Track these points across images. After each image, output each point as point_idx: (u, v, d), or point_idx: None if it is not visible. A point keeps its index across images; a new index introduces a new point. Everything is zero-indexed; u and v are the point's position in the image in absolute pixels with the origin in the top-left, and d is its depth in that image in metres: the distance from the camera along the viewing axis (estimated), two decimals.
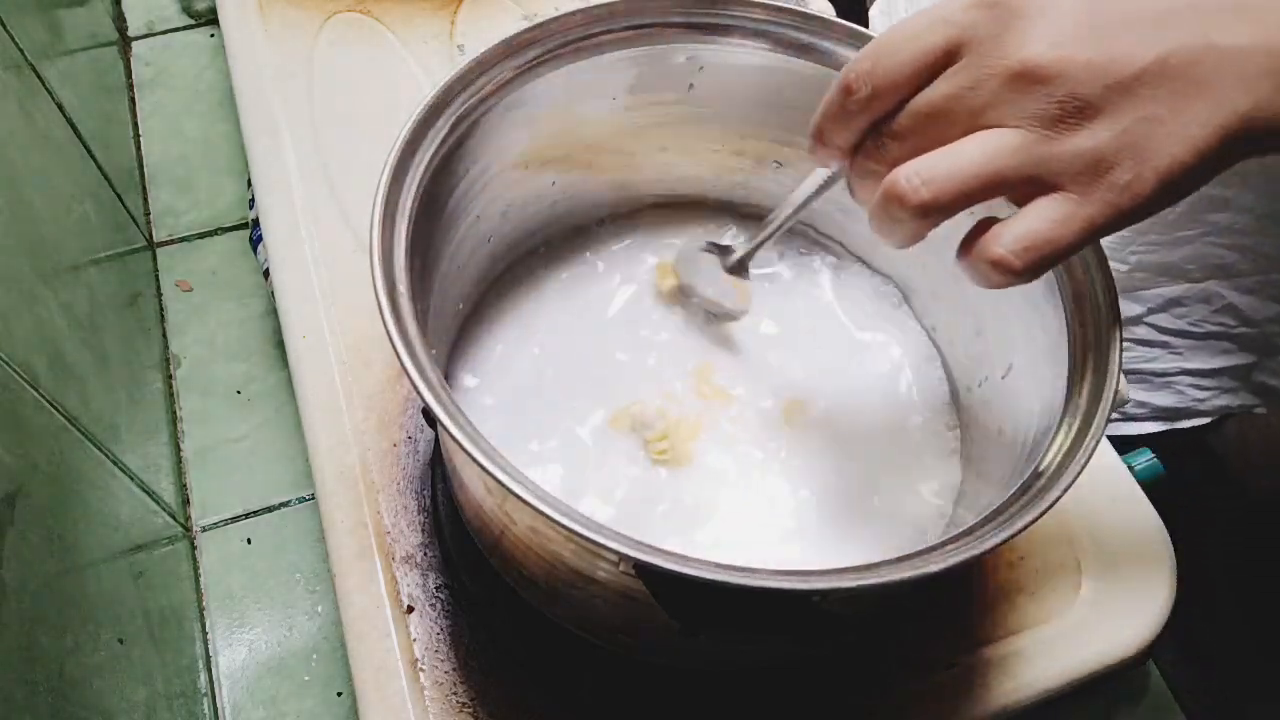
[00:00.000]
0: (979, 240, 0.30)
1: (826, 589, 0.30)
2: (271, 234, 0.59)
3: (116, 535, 0.84)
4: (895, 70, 0.30)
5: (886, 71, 0.30)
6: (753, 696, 0.46)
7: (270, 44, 0.68)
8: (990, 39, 0.29)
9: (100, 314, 0.98)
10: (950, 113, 0.29)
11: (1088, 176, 0.28)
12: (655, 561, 0.29)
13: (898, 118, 0.30)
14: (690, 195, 0.56)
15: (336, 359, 0.54)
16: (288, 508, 1.16)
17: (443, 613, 0.48)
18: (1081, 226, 0.28)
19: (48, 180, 0.91)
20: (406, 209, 0.38)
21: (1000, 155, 0.28)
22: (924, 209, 0.29)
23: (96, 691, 0.69)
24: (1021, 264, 0.29)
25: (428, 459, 0.52)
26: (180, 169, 1.41)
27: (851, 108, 0.31)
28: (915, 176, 0.29)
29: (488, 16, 0.72)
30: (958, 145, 0.29)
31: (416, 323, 0.35)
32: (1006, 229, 0.29)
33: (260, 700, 1.04)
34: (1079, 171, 0.28)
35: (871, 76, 0.30)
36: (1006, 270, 0.29)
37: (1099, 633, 0.49)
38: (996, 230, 0.30)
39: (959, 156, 0.29)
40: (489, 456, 0.31)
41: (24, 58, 0.93)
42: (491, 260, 0.51)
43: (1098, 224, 0.28)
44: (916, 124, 0.30)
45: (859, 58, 0.31)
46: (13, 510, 0.62)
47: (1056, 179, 0.28)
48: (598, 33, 0.45)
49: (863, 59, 0.31)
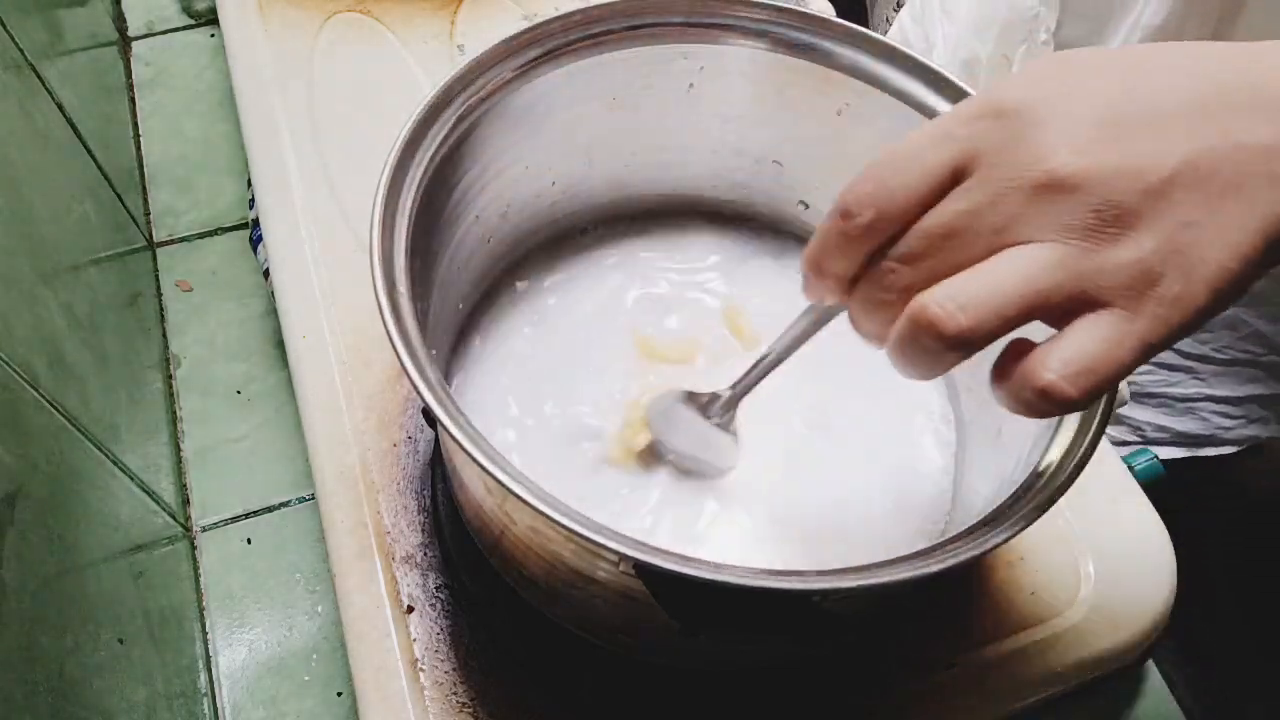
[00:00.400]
0: (1020, 365, 0.27)
1: (826, 589, 0.30)
2: (271, 234, 0.59)
3: (116, 535, 0.84)
4: (901, 191, 0.28)
5: (892, 193, 0.28)
6: (753, 696, 0.46)
7: (270, 44, 0.68)
8: (1004, 150, 0.27)
9: (100, 314, 0.98)
10: (969, 232, 0.27)
11: (1136, 290, 0.25)
12: (655, 561, 0.29)
13: (906, 240, 0.28)
14: (690, 195, 0.56)
15: (336, 359, 0.54)
16: (288, 508, 1.16)
17: (443, 613, 0.48)
18: (1135, 345, 0.26)
19: (48, 180, 0.91)
20: (406, 209, 0.38)
21: (1040, 273, 0.26)
22: (962, 338, 0.26)
23: (96, 691, 0.69)
24: (1077, 391, 0.26)
25: (428, 459, 0.52)
26: (180, 169, 1.41)
27: (853, 233, 0.28)
28: (950, 301, 0.26)
29: (488, 16, 0.72)
30: (989, 265, 0.26)
31: (416, 323, 0.35)
32: (1053, 352, 0.26)
33: (260, 700, 1.04)
34: (1126, 285, 0.26)
35: (875, 199, 0.28)
36: (1059, 398, 0.26)
37: (1099, 633, 0.49)
38: (1041, 354, 0.26)
39: (994, 277, 0.26)
40: (489, 456, 0.31)
41: (24, 58, 0.93)
42: (491, 260, 0.51)
43: (1151, 341, 0.26)
44: (931, 246, 0.27)
45: (858, 180, 0.28)
46: (13, 510, 0.62)
47: (1102, 294, 0.26)
48: (598, 33, 0.45)
49: (863, 181, 0.28)
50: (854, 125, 0.47)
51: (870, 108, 0.46)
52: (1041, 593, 0.50)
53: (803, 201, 0.54)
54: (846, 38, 0.45)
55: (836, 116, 0.48)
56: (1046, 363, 0.26)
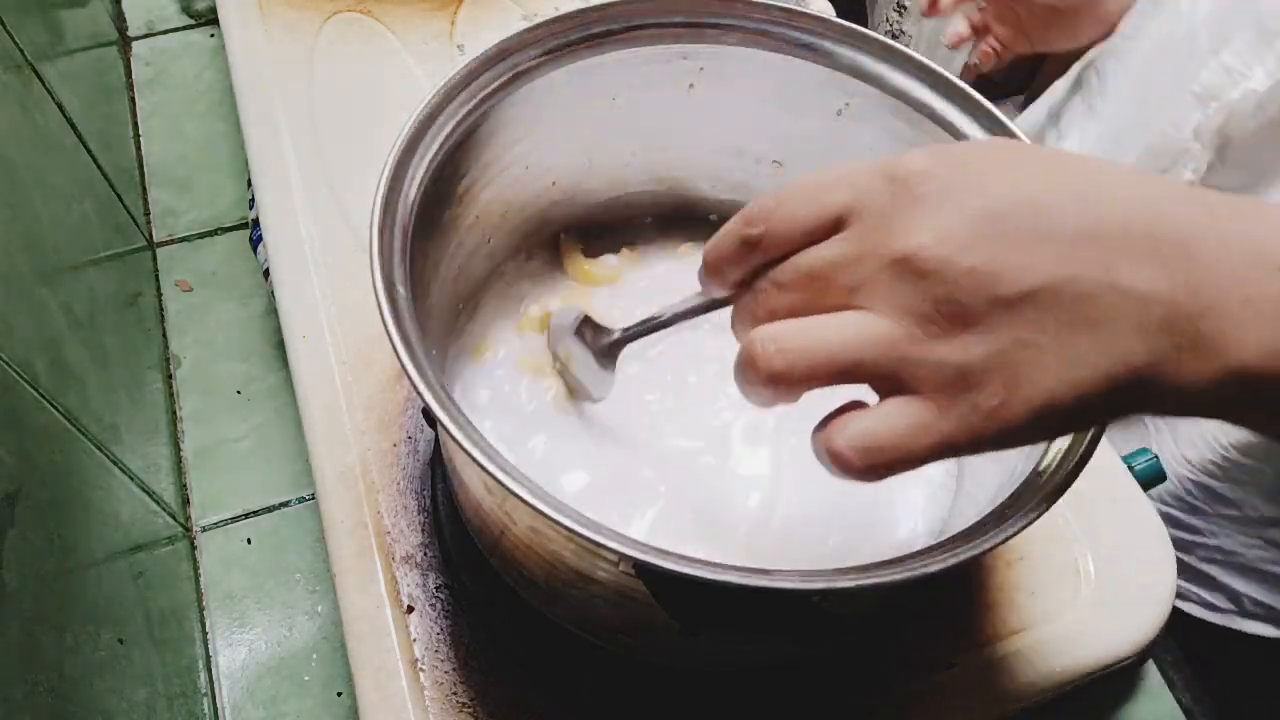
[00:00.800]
0: (830, 423, 0.28)
1: (826, 589, 0.30)
2: (271, 234, 0.59)
3: (116, 535, 0.84)
4: (790, 219, 0.28)
5: (783, 218, 0.28)
6: (753, 696, 0.46)
7: (270, 44, 0.68)
8: (882, 215, 0.27)
9: (100, 314, 0.98)
10: (828, 280, 0.27)
11: (950, 390, 0.26)
12: (655, 561, 0.29)
13: (783, 268, 0.29)
14: (690, 195, 0.56)
15: (336, 359, 0.54)
16: (288, 508, 1.16)
17: (443, 613, 0.47)
18: (933, 441, 0.26)
19: (48, 180, 0.91)
20: (406, 209, 0.38)
21: (862, 343, 0.26)
22: (772, 379, 0.27)
23: (96, 691, 0.69)
24: (861, 464, 0.27)
25: (428, 459, 0.52)
26: (180, 169, 1.41)
27: (747, 241, 0.29)
28: (772, 343, 0.27)
29: (488, 16, 0.72)
30: (825, 320, 0.27)
31: (416, 323, 0.35)
32: (853, 421, 0.27)
33: (260, 700, 1.04)
34: (942, 381, 0.26)
35: (769, 219, 0.29)
36: (842, 465, 0.27)
37: (1099, 633, 0.49)
38: (845, 420, 0.27)
39: (822, 332, 0.27)
40: (489, 456, 0.31)
41: (24, 58, 0.93)
42: (491, 260, 0.51)
43: (951, 442, 0.26)
44: (796, 280, 0.28)
45: (767, 196, 0.29)
46: (13, 510, 0.62)
47: (917, 383, 0.26)
48: (598, 33, 0.45)
49: (769, 198, 0.29)
50: (854, 125, 0.47)
51: (870, 108, 0.46)
52: (1041, 593, 0.50)
53: None
54: (846, 38, 0.45)
55: (836, 116, 0.48)
56: (845, 429, 0.27)
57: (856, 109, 0.47)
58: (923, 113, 0.44)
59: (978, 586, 0.51)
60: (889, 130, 0.46)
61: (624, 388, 0.47)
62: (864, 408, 0.27)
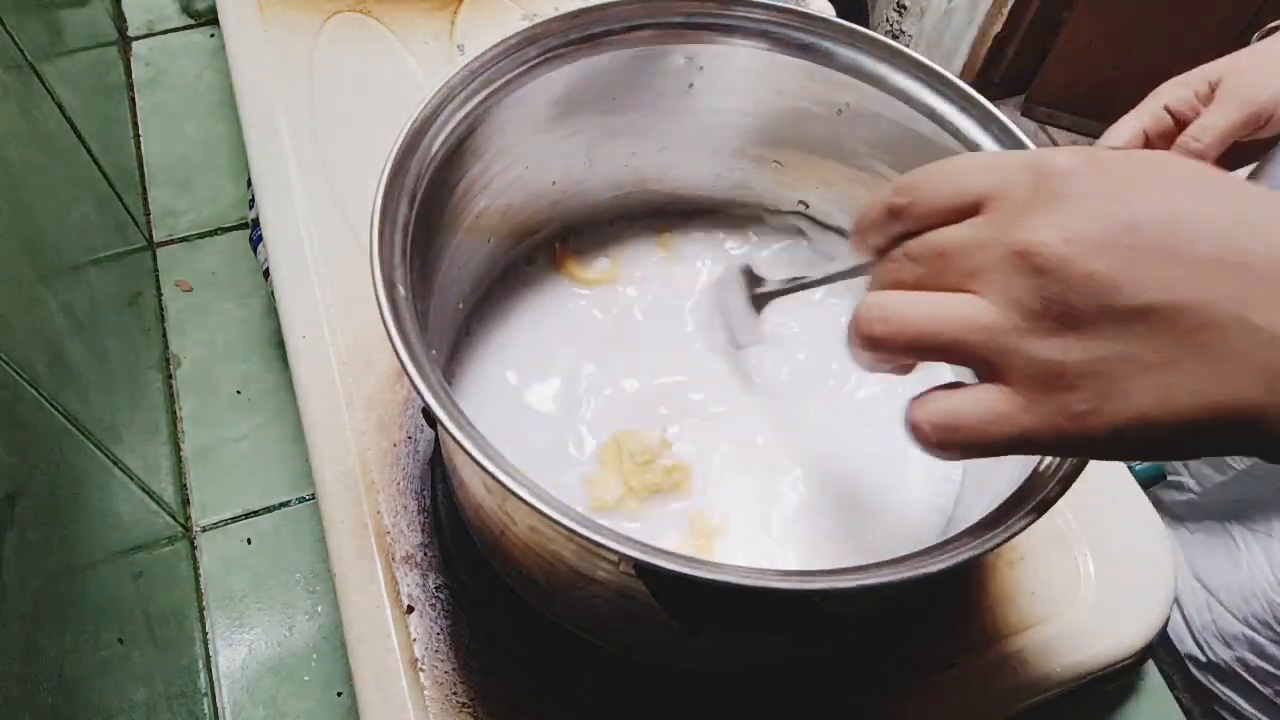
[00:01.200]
0: (923, 396, 0.28)
1: (826, 589, 0.30)
2: (271, 234, 0.59)
3: (116, 535, 0.84)
4: (932, 196, 0.29)
5: (926, 194, 0.29)
6: (753, 696, 0.46)
7: (270, 44, 0.68)
8: (1017, 206, 0.26)
9: (100, 314, 0.98)
10: (952, 260, 0.28)
11: (1041, 386, 0.26)
12: (655, 561, 0.29)
13: (917, 241, 0.29)
14: (690, 195, 0.56)
15: (336, 359, 0.54)
16: (288, 508, 1.16)
17: (443, 613, 0.47)
18: (1012, 432, 0.26)
19: (48, 180, 0.91)
20: (406, 209, 0.38)
21: (966, 325, 0.26)
22: (870, 341, 0.28)
23: (96, 691, 0.69)
24: (935, 439, 0.27)
25: (428, 459, 0.52)
26: (180, 169, 1.41)
27: (892, 209, 0.30)
28: (878, 308, 0.28)
29: (488, 16, 0.72)
30: (934, 296, 0.28)
31: (416, 323, 0.35)
32: (941, 398, 0.28)
33: (260, 700, 1.04)
34: (1034, 376, 0.26)
35: (914, 191, 0.29)
36: (921, 437, 0.28)
37: (1099, 633, 0.49)
38: (934, 395, 0.28)
39: (927, 308, 0.27)
40: (489, 456, 0.31)
41: (24, 58, 0.93)
42: (491, 260, 0.51)
43: (1031, 438, 0.26)
44: (926, 255, 0.28)
45: (922, 169, 0.30)
46: (13, 510, 0.62)
47: (1009, 374, 0.26)
48: (598, 33, 0.45)
49: (919, 171, 0.30)
50: (854, 125, 0.47)
51: (870, 108, 0.46)
52: (1041, 593, 0.50)
53: (803, 201, 0.54)
54: (846, 38, 0.45)
55: (836, 116, 0.48)
56: (931, 403, 0.28)
57: (856, 109, 0.47)
58: (923, 113, 0.44)
59: (978, 586, 0.51)
60: (889, 130, 0.46)
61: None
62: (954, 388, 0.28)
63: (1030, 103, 1.62)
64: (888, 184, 0.30)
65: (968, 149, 0.43)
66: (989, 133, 0.43)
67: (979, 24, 1.51)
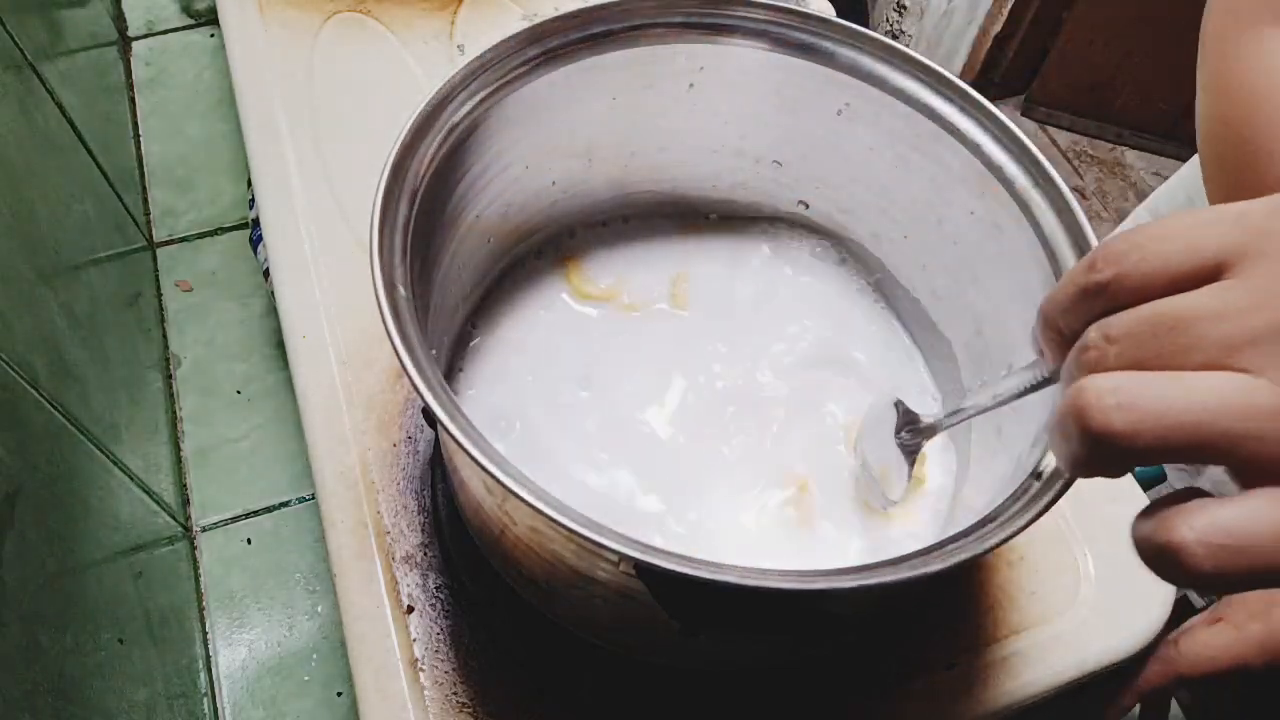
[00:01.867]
0: (1167, 510, 0.22)
1: (826, 589, 0.30)
2: (271, 234, 0.59)
3: (116, 535, 0.84)
4: (1153, 260, 0.23)
5: (1142, 259, 0.23)
6: (753, 696, 0.46)
7: (270, 44, 0.68)
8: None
9: (100, 314, 0.98)
10: (1197, 333, 0.22)
11: None
12: (655, 561, 0.29)
13: (1125, 316, 0.23)
14: (690, 195, 0.56)
15: (336, 359, 0.54)
16: (288, 508, 1.16)
17: (443, 613, 0.48)
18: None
19: (48, 180, 0.91)
20: (406, 209, 0.38)
21: (1242, 412, 0.21)
22: (1105, 439, 0.22)
23: (96, 691, 0.69)
24: (1210, 566, 0.21)
25: (428, 459, 0.52)
26: (180, 169, 1.41)
27: (1088, 289, 0.24)
28: (1113, 394, 0.22)
29: (488, 16, 0.72)
30: (1190, 376, 0.22)
31: (416, 323, 0.35)
32: (1208, 510, 0.21)
33: (260, 700, 1.04)
34: None
35: (1121, 261, 0.23)
36: (1183, 563, 0.21)
37: (1099, 633, 0.49)
38: (1196, 508, 0.21)
39: (1184, 390, 0.21)
40: (489, 456, 0.31)
41: (24, 58, 0.93)
42: (491, 260, 0.51)
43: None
44: (1149, 332, 0.22)
45: (1119, 236, 0.24)
46: (13, 510, 0.62)
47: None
48: (598, 33, 0.45)
49: (1121, 239, 0.24)
50: (854, 125, 0.48)
51: (870, 108, 0.46)
52: (1041, 593, 0.50)
53: (803, 201, 0.54)
54: (846, 38, 0.45)
55: (836, 116, 0.48)
56: (1194, 517, 0.21)
57: (856, 109, 0.47)
58: (923, 113, 0.44)
59: (978, 586, 0.51)
60: (889, 130, 0.46)
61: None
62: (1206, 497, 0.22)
63: (1030, 103, 1.62)
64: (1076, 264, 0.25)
65: (968, 149, 0.43)
66: (989, 133, 0.43)
67: (979, 24, 1.51)
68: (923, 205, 0.48)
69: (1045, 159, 0.41)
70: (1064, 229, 0.40)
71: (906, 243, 0.51)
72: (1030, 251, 0.41)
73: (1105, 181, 1.59)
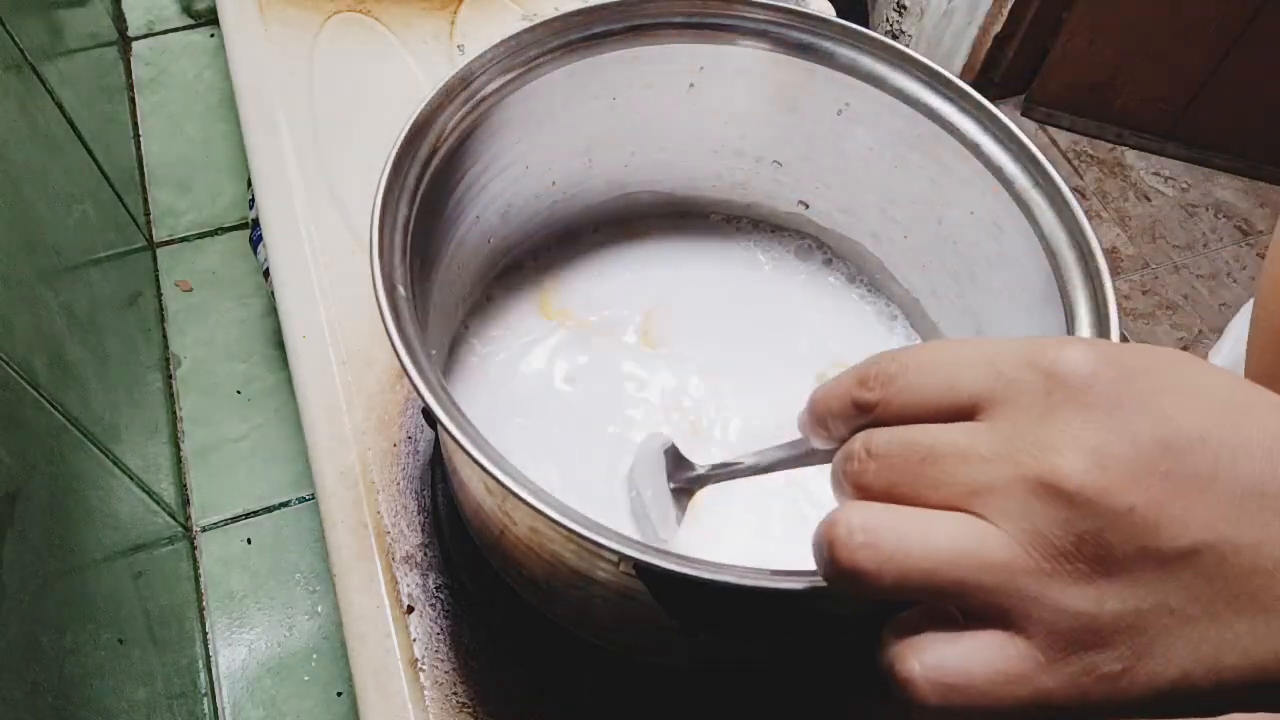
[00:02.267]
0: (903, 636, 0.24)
1: (826, 589, 0.30)
2: (271, 234, 0.59)
3: (116, 535, 0.84)
4: (912, 392, 0.24)
5: (904, 390, 0.24)
6: (753, 696, 0.46)
7: (270, 44, 0.68)
8: (1026, 414, 0.22)
9: (100, 314, 0.98)
10: (947, 470, 0.23)
11: (1067, 643, 0.21)
12: (655, 561, 0.29)
13: (889, 437, 0.24)
14: (690, 195, 0.56)
15: (336, 359, 0.54)
16: (288, 508, 1.17)
17: (443, 613, 0.48)
18: (1028, 696, 0.22)
19: (48, 180, 0.91)
20: (406, 209, 0.38)
21: (973, 562, 0.22)
22: (853, 574, 0.23)
23: (96, 691, 0.69)
24: (935, 700, 0.23)
25: (428, 459, 0.52)
26: (180, 169, 1.41)
27: (858, 402, 0.25)
28: (862, 533, 0.23)
29: (488, 16, 0.72)
30: (929, 520, 0.23)
31: (416, 323, 0.35)
32: (937, 646, 0.23)
33: (260, 700, 1.04)
34: (1060, 631, 0.21)
35: (888, 384, 0.25)
36: (913, 694, 0.23)
37: None
38: (926, 641, 0.23)
39: (924, 537, 0.22)
40: (489, 456, 0.31)
41: (24, 58, 0.93)
42: (491, 260, 0.51)
43: (1049, 702, 0.22)
44: (901, 457, 0.24)
45: (892, 356, 0.25)
46: (13, 510, 0.62)
47: (1026, 624, 0.22)
48: (598, 33, 0.45)
49: (892, 361, 0.25)
50: (854, 125, 0.48)
51: (870, 108, 0.46)
52: None
53: (803, 201, 0.54)
54: (846, 38, 0.45)
55: (836, 116, 0.48)
56: (923, 651, 0.23)
57: (856, 109, 0.47)
58: (923, 113, 0.44)
59: None
60: (889, 130, 0.46)
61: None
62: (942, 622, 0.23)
63: (1030, 103, 1.62)
64: (848, 370, 0.26)
65: (968, 149, 0.44)
66: (989, 133, 0.43)
67: (979, 24, 1.52)
68: (923, 205, 0.48)
69: (1045, 159, 0.41)
70: (1064, 229, 0.40)
71: (906, 243, 0.51)
72: (1030, 251, 0.41)
73: (1105, 181, 1.59)
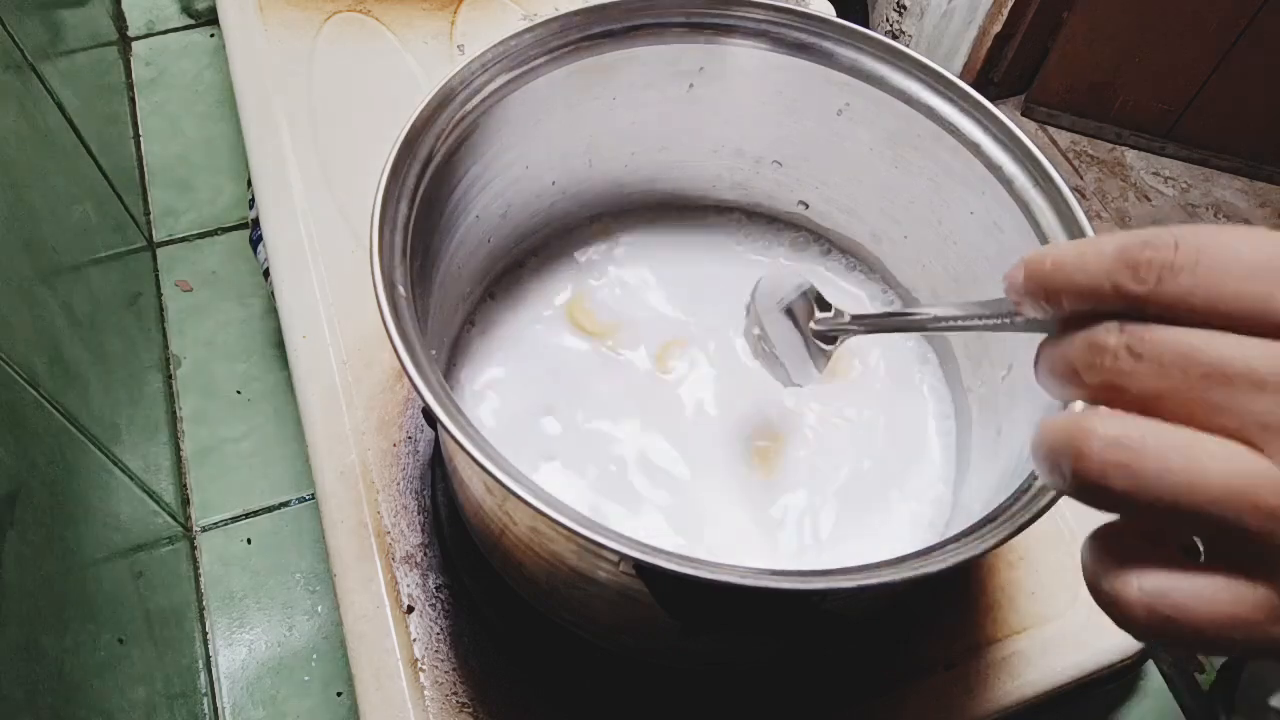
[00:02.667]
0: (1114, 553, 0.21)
1: (826, 589, 0.30)
2: (271, 234, 0.59)
3: (116, 535, 0.84)
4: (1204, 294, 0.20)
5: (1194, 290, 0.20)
6: (753, 696, 0.46)
7: (270, 44, 0.68)
8: None
9: (100, 314, 0.98)
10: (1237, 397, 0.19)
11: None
12: (655, 561, 0.29)
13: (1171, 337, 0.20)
14: (690, 195, 0.56)
15: (336, 359, 0.54)
16: (288, 508, 1.16)
17: (443, 613, 0.47)
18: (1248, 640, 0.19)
19: (48, 180, 0.91)
20: (406, 209, 0.38)
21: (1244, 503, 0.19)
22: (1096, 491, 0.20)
23: (96, 691, 0.69)
24: (1146, 623, 0.20)
25: (428, 459, 0.52)
26: (180, 169, 1.41)
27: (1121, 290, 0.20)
28: (1116, 449, 0.19)
29: (488, 16, 0.72)
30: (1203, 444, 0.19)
31: (416, 323, 0.35)
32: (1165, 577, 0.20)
33: (260, 700, 1.04)
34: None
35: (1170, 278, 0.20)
36: (1122, 613, 0.20)
37: (1099, 633, 0.49)
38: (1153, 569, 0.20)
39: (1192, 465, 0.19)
40: (489, 456, 0.31)
41: (24, 58, 0.93)
42: (491, 260, 0.51)
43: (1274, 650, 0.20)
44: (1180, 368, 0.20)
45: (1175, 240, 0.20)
46: (13, 510, 0.62)
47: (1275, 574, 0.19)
48: (598, 33, 0.45)
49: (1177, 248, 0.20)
50: (854, 125, 0.48)
51: (870, 108, 0.46)
52: (1041, 593, 0.50)
53: (803, 201, 0.54)
54: (846, 38, 0.45)
55: (836, 116, 0.48)
56: (1144, 576, 0.20)
57: (856, 109, 0.47)
58: (923, 113, 0.44)
59: (978, 586, 0.51)
60: (889, 130, 0.46)
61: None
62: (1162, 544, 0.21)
63: (1030, 103, 1.62)
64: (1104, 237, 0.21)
65: (968, 149, 0.43)
66: (989, 133, 0.43)
67: (979, 24, 1.51)
68: (923, 205, 0.48)
69: (1045, 159, 0.41)
70: (1064, 229, 0.40)
71: (906, 243, 0.51)
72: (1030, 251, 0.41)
73: (1105, 181, 1.59)
